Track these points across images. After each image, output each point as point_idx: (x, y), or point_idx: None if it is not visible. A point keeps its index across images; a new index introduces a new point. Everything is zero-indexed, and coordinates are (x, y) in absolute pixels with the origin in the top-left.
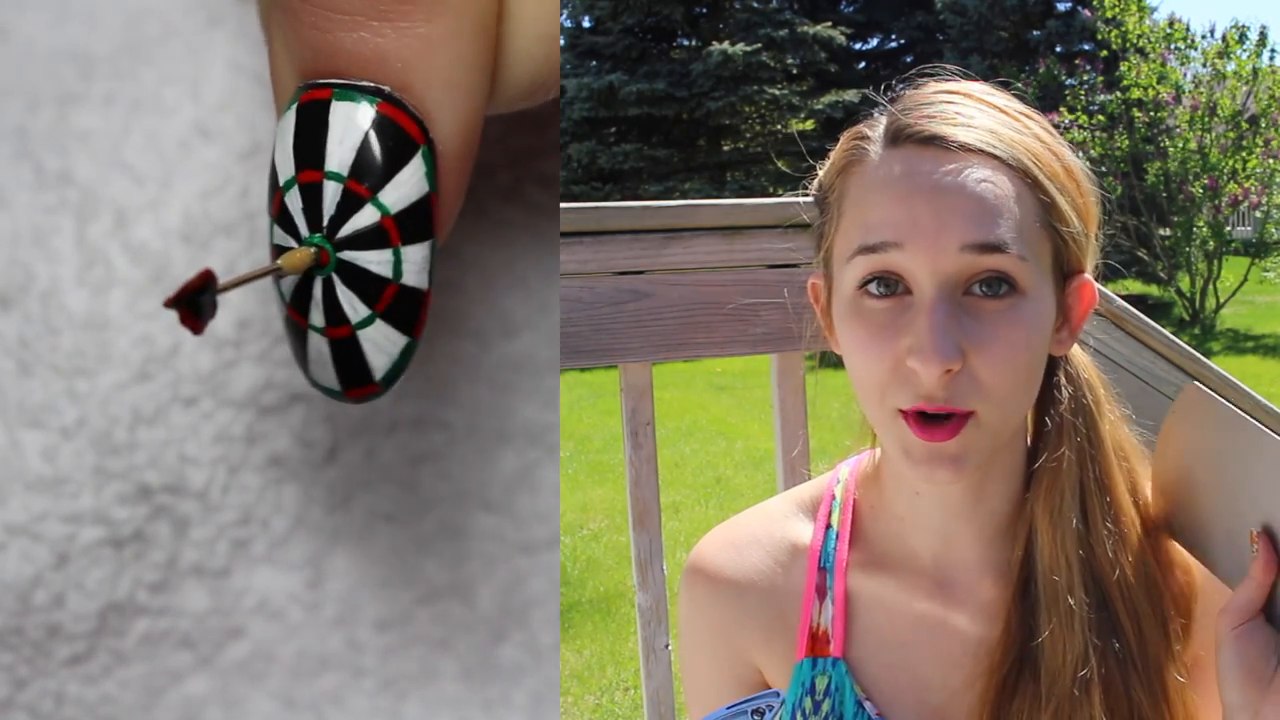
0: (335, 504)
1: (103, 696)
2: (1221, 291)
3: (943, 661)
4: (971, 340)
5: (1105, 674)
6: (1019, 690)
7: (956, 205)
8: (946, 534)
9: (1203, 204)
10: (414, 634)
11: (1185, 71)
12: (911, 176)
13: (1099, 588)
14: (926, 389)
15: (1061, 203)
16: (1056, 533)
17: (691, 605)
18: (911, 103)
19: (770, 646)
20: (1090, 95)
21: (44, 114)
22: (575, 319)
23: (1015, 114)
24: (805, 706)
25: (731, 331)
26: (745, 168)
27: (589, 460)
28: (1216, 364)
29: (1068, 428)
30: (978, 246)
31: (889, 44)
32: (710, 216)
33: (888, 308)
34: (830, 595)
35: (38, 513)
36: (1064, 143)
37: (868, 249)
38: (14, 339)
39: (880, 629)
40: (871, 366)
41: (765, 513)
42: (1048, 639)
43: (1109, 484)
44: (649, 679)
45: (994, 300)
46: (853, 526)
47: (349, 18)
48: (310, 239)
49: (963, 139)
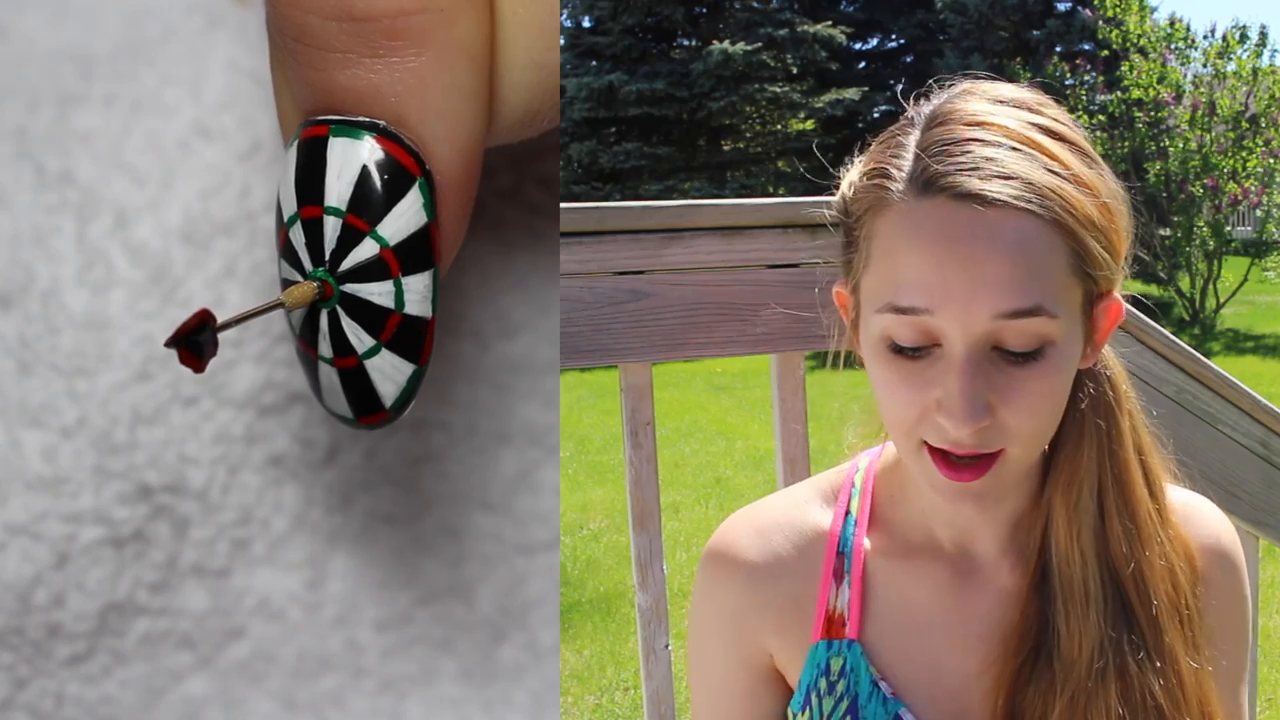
0: (335, 504)
1: (103, 696)
2: (1221, 291)
3: (959, 645)
4: (1001, 395)
5: (1120, 665)
6: (1035, 677)
7: (989, 271)
8: (967, 527)
9: (1203, 204)
10: (414, 634)
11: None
12: (943, 239)
13: (1114, 580)
14: (954, 438)
15: (1094, 248)
16: (1073, 527)
17: (707, 588)
18: (941, 140)
19: (783, 632)
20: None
21: (44, 114)
22: (575, 319)
23: (1048, 149)
24: (820, 687)
25: (731, 331)
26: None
27: (589, 460)
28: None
29: (1089, 425)
30: (1012, 314)
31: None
32: (710, 216)
33: (916, 359)
34: (848, 579)
35: (38, 512)
36: (1101, 165)
37: (899, 310)
38: (14, 339)
39: (896, 612)
40: (900, 410)
41: (790, 498)
42: (1064, 628)
43: (1126, 479)
44: (649, 679)
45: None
46: (872, 513)
47: (341, 55)
48: (313, 273)
49: (996, 195)
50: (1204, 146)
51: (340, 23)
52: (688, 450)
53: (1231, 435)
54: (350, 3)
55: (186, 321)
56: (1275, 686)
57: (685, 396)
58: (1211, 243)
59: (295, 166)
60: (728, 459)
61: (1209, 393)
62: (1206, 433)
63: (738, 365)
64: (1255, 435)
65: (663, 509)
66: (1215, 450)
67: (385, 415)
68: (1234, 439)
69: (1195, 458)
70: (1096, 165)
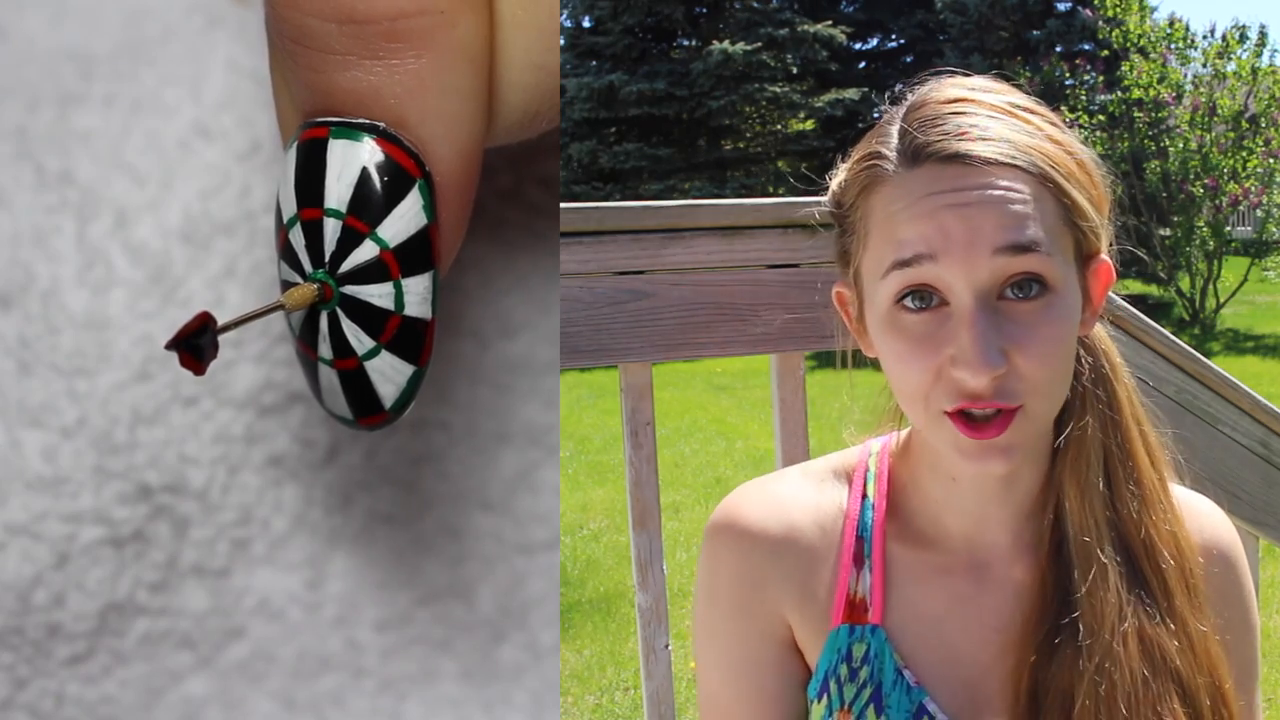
0: (335, 504)
1: (103, 696)
2: (1221, 291)
3: (975, 636)
4: (1012, 342)
5: (1139, 626)
6: (1058, 651)
7: (984, 213)
8: (980, 517)
9: (1203, 204)
10: (414, 635)
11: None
12: (937, 193)
13: (1125, 546)
14: (972, 391)
15: (1079, 199)
16: (1085, 498)
17: (716, 559)
18: (923, 117)
19: (803, 608)
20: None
21: (44, 114)
22: (575, 319)
23: (1023, 115)
24: (841, 673)
25: (731, 331)
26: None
27: (589, 460)
28: (1216, 364)
29: (1090, 397)
30: (1010, 248)
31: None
32: (710, 216)
33: (926, 320)
34: (869, 564)
35: (38, 512)
36: (1071, 133)
37: (902, 264)
38: (14, 339)
39: (916, 600)
40: (914, 377)
41: (806, 472)
42: (1085, 597)
43: (1130, 448)
44: (649, 679)
45: (1028, 301)
46: (888, 498)
47: (341, 57)
48: (313, 275)
49: (982, 153)
50: (1204, 146)
51: (340, 25)
52: (688, 450)
53: (1231, 435)
54: (350, 5)
55: (187, 324)
56: (1276, 686)
57: (685, 396)
58: (1211, 243)
59: (295, 168)
60: (728, 459)
61: (1209, 393)
62: (1206, 433)
63: (738, 365)
64: (1255, 435)
65: (663, 509)
66: (1215, 450)
67: (385, 416)
68: (1234, 439)
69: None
70: (1068, 134)
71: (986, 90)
